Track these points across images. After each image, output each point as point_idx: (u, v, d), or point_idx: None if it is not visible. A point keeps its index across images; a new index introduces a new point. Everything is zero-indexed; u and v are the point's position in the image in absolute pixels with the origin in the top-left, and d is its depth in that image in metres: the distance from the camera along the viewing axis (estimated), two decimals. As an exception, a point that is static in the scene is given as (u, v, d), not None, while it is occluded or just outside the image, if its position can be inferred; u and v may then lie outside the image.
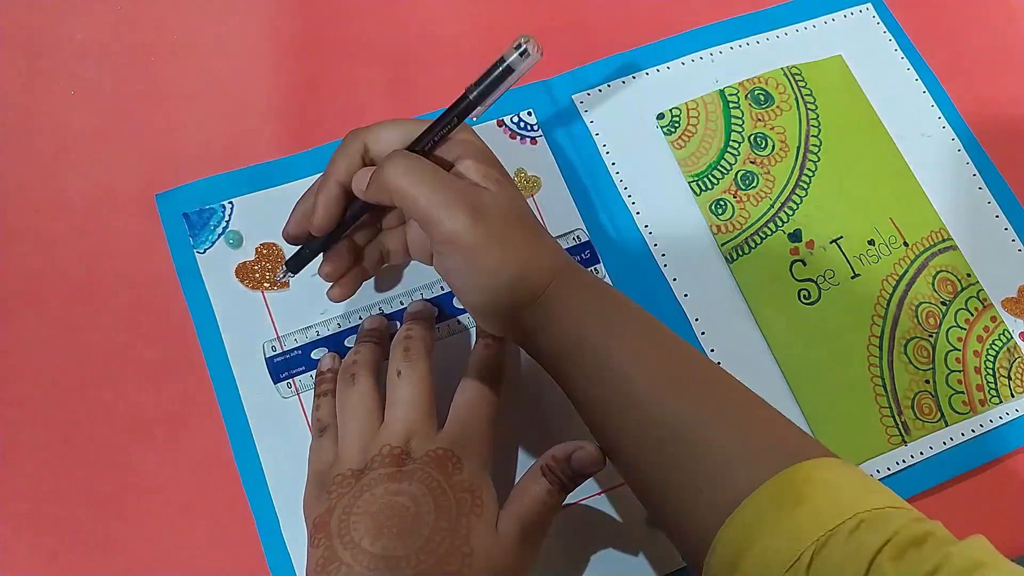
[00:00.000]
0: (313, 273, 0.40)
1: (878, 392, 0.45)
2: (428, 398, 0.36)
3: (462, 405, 0.37)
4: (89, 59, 0.49)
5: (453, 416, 0.37)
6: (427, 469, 0.34)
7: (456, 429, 0.36)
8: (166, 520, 0.40)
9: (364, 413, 0.36)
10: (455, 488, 0.34)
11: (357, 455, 0.35)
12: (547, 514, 0.35)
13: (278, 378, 0.42)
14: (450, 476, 0.34)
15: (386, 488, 0.33)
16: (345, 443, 0.36)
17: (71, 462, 0.41)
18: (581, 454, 0.35)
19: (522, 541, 0.34)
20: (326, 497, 0.34)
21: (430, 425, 0.36)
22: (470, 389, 0.38)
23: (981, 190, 0.50)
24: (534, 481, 0.35)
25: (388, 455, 0.34)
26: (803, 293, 0.47)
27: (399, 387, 0.36)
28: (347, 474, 0.34)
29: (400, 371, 0.37)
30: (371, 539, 0.32)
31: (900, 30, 0.54)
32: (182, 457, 0.41)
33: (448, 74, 0.51)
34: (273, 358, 0.42)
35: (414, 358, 0.37)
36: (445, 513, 0.33)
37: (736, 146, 0.49)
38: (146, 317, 0.43)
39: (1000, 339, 0.47)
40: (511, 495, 0.35)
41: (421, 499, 0.33)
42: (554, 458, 0.36)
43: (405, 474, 0.34)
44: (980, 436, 0.45)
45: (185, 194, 0.45)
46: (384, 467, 0.34)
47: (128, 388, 0.42)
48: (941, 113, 0.52)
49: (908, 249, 0.48)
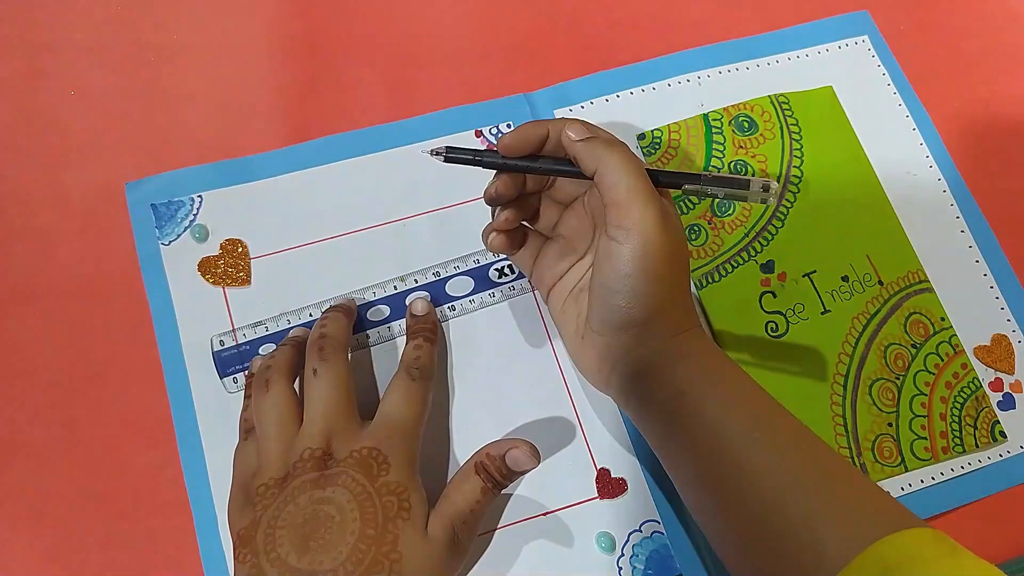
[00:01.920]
0: (282, 275, 0.39)
1: (838, 432, 0.44)
2: (347, 395, 0.36)
3: (389, 404, 0.36)
4: (89, 59, 0.49)
5: (379, 415, 0.36)
6: (351, 472, 0.33)
7: (382, 427, 0.35)
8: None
9: (280, 419, 0.36)
10: (380, 491, 0.33)
11: (278, 463, 0.35)
12: (479, 513, 0.35)
13: (225, 373, 0.42)
14: (375, 479, 0.33)
15: (310, 497, 0.33)
16: (265, 451, 0.35)
17: (71, 462, 0.41)
18: (516, 452, 0.35)
19: (453, 542, 0.34)
20: (251, 510, 0.34)
21: (351, 423, 0.35)
22: (398, 388, 0.37)
23: (963, 233, 0.49)
24: (467, 479, 0.35)
25: (310, 458, 0.34)
26: (771, 325, 0.46)
27: (315, 386, 0.36)
28: (270, 483, 0.34)
29: (316, 369, 0.36)
30: (297, 554, 0.32)
31: (895, 64, 0.53)
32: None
33: (448, 74, 0.51)
34: (221, 352, 0.42)
35: (329, 355, 0.36)
36: (371, 519, 0.32)
37: (715, 172, 0.49)
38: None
39: (969, 387, 0.46)
40: (443, 494, 0.35)
41: (346, 506, 0.32)
42: (488, 456, 0.35)
43: (328, 478, 0.33)
44: (939, 484, 0.44)
45: (155, 185, 0.45)
46: (307, 472, 0.33)
47: (119, 387, 0.42)
48: (929, 152, 0.51)
49: (882, 288, 0.47)
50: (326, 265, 0.44)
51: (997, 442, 0.45)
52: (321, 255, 0.45)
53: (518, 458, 0.35)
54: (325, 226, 0.45)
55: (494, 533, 0.40)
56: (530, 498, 0.41)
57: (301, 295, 0.44)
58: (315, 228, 0.45)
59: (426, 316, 0.42)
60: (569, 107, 0.50)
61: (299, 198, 0.46)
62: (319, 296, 0.44)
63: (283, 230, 0.45)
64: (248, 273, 0.44)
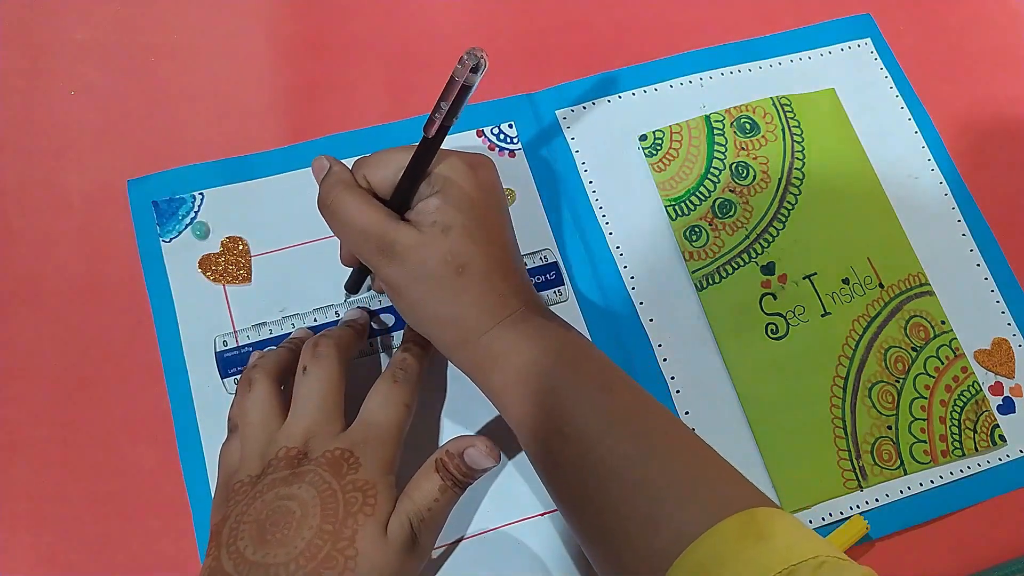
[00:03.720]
0: (282, 273, 0.41)
1: (838, 434, 0.44)
2: (333, 397, 0.36)
3: (370, 407, 0.36)
4: (89, 59, 0.49)
5: (359, 418, 0.36)
6: (319, 470, 0.33)
7: (360, 430, 0.35)
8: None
9: (260, 419, 0.36)
10: (346, 488, 0.33)
11: (256, 461, 0.34)
12: (440, 511, 0.34)
13: (226, 373, 0.42)
14: (343, 476, 0.33)
15: (276, 493, 0.33)
16: (244, 450, 0.35)
17: (71, 462, 0.41)
18: (473, 451, 0.34)
19: (411, 540, 0.33)
20: (225, 506, 0.34)
21: (333, 425, 0.35)
22: (380, 391, 0.37)
23: (965, 237, 0.49)
24: (427, 477, 0.34)
25: (284, 457, 0.34)
26: (771, 327, 0.46)
27: (302, 384, 0.36)
28: (246, 480, 0.34)
29: (306, 367, 0.36)
30: (254, 547, 0.31)
31: (898, 67, 0.53)
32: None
33: (448, 74, 0.51)
34: (223, 353, 0.42)
35: (322, 355, 0.36)
36: (331, 515, 0.32)
37: (717, 173, 0.49)
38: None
39: (969, 391, 0.46)
40: (403, 491, 0.34)
41: (308, 502, 0.32)
42: (448, 453, 0.35)
43: (297, 476, 0.33)
44: (938, 488, 0.44)
45: (157, 182, 0.45)
46: (280, 471, 0.33)
47: (119, 387, 0.42)
48: (931, 155, 0.51)
49: (883, 291, 0.47)
50: (326, 263, 0.44)
51: (997, 446, 0.45)
52: (321, 253, 0.45)
53: (474, 456, 0.34)
54: (325, 225, 0.45)
55: (493, 533, 0.40)
56: (529, 498, 0.41)
57: (301, 293, 0.44)
58: (315, 226, 0.45)
59: None
60: (571, 107, 0.50)
61: (300, 196, 0.46)
62: (319, 295, 0.44)
63: (283, 228, 0.45)
64: (248, 271, 0.44)
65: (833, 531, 0.42)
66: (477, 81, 0.31)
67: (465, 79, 0.31)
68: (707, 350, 0.46)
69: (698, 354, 0.45)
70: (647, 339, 0.45)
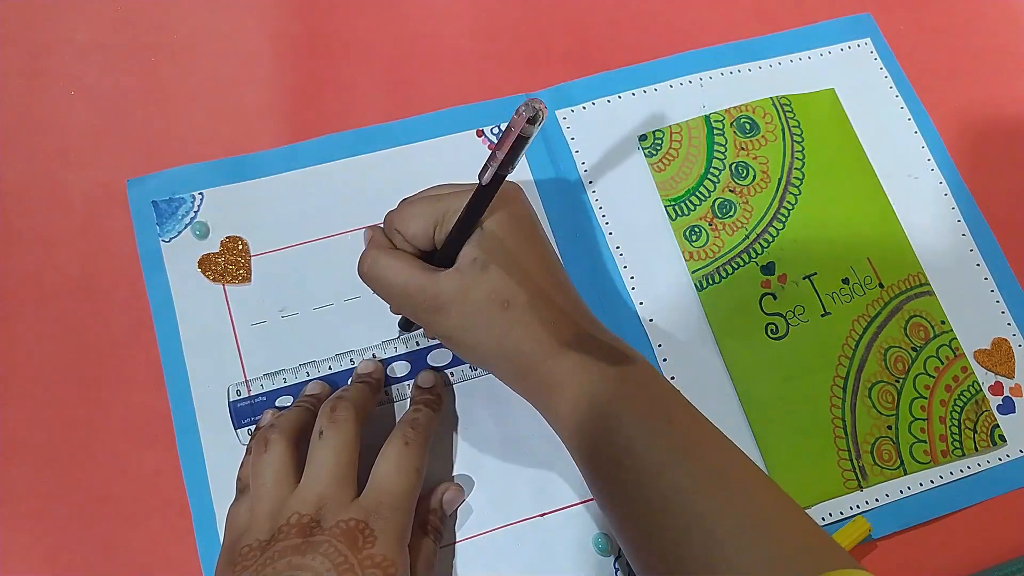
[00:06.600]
0: (282, 272, 0.41)
1: (838, 434, 0.44)
2: (348, 463, 0.35)
3: (381, 473, 0.35)
4: (89, 59, 0.49)
5: (371, 484, 0.35)
6: (334, 541, 0.32)
7: (372, 499, 0.34)
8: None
9: (274, 481, 0.35)
10: (364, 564, 0.32)
11: (266, 524, 0.34)
12: (435, 565, 0.37)
13: (240, 424, 0.41)
14: (359, 551, 0.32)
15: (288, 562, 0.32)
16: (255, 512, 0.34)
17: (71, 462, 0.41)
18: (448, 496, 0.39)
19: None
20: (230, 570, 0.33)
21: (345, 493, 0.34)
22: (390, 456, 0.36)
23: (964, 237, 0.49)
24: (420, 541, 0.36)
25: (296, 524, 0.33)
26: (771, 327, 0.46)
27: (318, 449, 0.35)
28: (254, 545, 0.33)
29: (323, 432, 0.35)
30: None
31: (897, 67, 0.53)
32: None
33: (448, 74, 0.51)
34: (236, 403, 0.41)
35: (340, 420, 0.36)
36: None
37: (717, 173, 0.49)
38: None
39: (969, 391, 0.46)
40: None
41: (324, 574, 0.31)
42: (433, 511, 0.38)
43: (311, 546, 0.32)
44: (938, 488, 0.44)
45: (157, 182, 0.45)
46: (290, 538, 0.32)
47: (119, 387, 0.42)
48: (931, 155, 0.51)
49: (883, 291, 0.47)
50: (326, 263, 0.44)
51: (996, 446, 0.45)
52: (321, 253, 0.45)
53: (451, 500, 0.39)
54: (325, 224, 0.45)
55: (492, 534, 0.40)
56: (528, 499, 0.41)
57: (301, 292, 0.44)
58: (315, 226, 0.45)
59: (432, 388, 0.41)
60: (571, 107, 0.50)
61: (299, 196, 0.46)
62: (319, 294, 0.44)
63: (283, 228, 0.45)
64: (248, 270, 0.44)
65: (835, 532, 0.42)
66: (535, 132, 0.30)
67: (522, 130, 0.30)
68: (707, 350, 0.46)
69: (698, 354, 0.45)
70: (647, 339, 0.45)
